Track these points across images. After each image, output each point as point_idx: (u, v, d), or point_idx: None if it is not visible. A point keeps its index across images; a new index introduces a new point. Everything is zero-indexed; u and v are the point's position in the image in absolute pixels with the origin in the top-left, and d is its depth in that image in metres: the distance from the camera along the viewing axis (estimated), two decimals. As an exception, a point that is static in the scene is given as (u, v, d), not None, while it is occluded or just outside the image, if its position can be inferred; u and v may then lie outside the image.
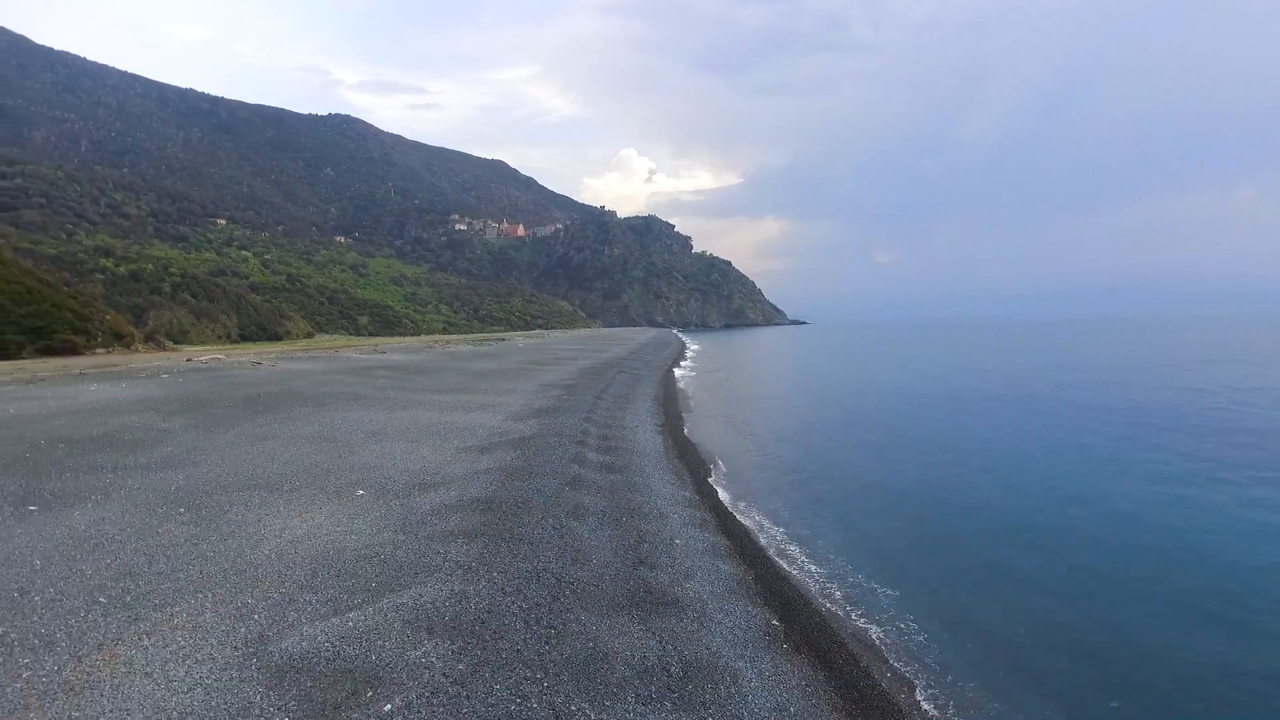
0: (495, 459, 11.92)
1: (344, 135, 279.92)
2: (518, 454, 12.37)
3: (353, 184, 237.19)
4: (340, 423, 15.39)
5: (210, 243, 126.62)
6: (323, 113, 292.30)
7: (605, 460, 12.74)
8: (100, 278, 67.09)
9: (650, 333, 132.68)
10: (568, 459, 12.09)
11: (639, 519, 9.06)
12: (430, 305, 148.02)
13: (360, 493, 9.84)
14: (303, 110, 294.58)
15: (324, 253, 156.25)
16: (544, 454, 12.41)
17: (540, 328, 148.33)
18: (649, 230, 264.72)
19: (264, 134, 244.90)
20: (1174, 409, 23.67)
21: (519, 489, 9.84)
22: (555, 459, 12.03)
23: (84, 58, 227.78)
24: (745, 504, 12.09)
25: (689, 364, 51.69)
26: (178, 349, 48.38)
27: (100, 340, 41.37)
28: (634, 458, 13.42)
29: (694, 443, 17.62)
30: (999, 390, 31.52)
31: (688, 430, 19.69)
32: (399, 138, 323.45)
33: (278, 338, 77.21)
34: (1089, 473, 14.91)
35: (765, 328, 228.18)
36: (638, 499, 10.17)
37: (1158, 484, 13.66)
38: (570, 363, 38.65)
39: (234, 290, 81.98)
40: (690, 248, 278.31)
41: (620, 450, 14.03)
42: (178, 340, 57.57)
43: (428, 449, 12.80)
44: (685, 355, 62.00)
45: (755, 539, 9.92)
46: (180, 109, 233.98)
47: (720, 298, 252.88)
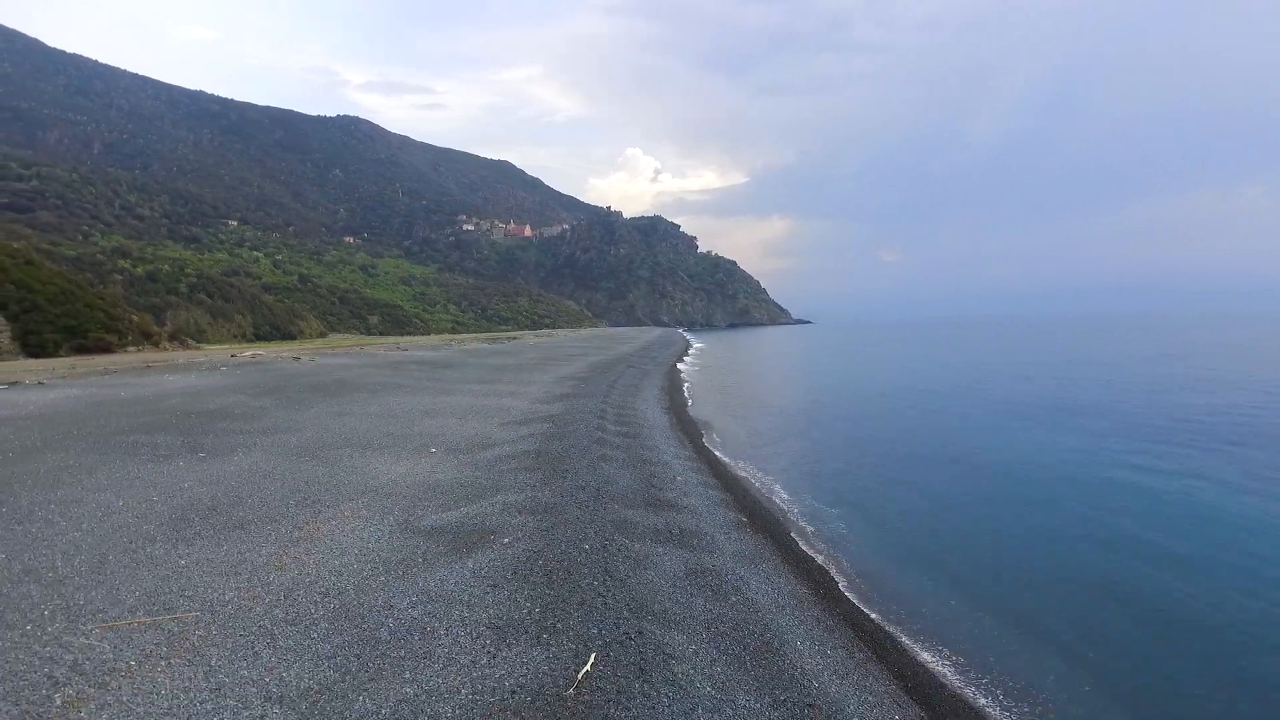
0: (533, 429, 14.85)
1: (352, 136, 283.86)
2: (550, 425, 15.31)
3: (361, 185, 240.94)
4: (395, 405, 18.35)
5: (222, 243, 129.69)
6: (330, 113, 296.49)
7: (621, 430, 15.70)
8: (119, 279, 69.83)
9: (656, 332, 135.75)
10: (591, 429, 15.02)
11: (650, 465, 12.03)
12: (439, 305, 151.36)
13: (433, 450, 12.78)
14: (310, 111, 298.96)
15: (334, 253, 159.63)
16: (571, 425, 15.35)
17: (548, 327, 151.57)
18: (654, 230, 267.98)
19: (273, 135, 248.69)
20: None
21: (557, 445, 12.79)
22: (581, 428, 14.97)
23: (96, 60, 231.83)
24: (731, 458, 15.29)
25: (693, 360, 54.69)
26: (200, 347, 51.28)
27: (131, 339, 44.37)
28: (644, 429, 16.40)
29: (693, 419, 20.64)
30: (969, 385, 34.42)
31: (689, 410, 22.67)
32: (406, 139, 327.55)
33: (291, 337, 79.98)
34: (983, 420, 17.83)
35: (770, 327, 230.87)
36: (649, 453, 13.15)
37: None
38: (581, 359, 41.66)
39: (248, 290, 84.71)
40: (695, 247, 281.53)
41: (633, 423, 17.00)
42: (196, 340, 60.26)
43: (475, 423, 15.73)
44: (689, 352, 65.07)
45: (736, 476, 13.04)
46: (190, 110, 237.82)
47: (725, 297, 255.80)
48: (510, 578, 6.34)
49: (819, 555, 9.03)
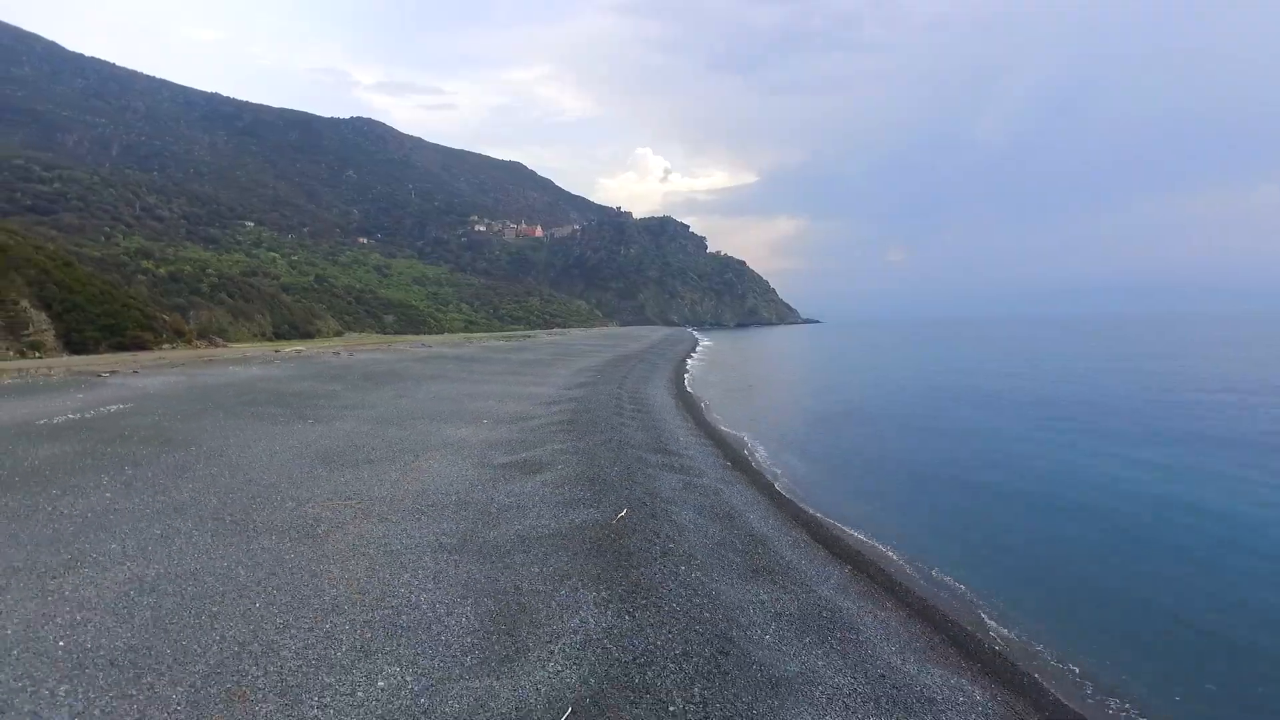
0: (562, 407, 18.01)
1: (365, 137, 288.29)
2: (576, 404, 18.46)
3: (374, 186, 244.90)
4: (442, 390, 21.53)
5: (240, 244, 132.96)
6: (341, 114, 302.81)
7: (635, 407, 18.89)
8: (143, 279, 73.09)
9: (665, 331, 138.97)
10: (611, 406, 18.18)
11: (659, 429, 15.22)
12: (451, 305, 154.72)
13: (485, 421, 15.93)
14: (321, 112, 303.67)
15: (348, 254, 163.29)
16: (594, 404, 18.51)
17: (559, 326, 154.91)
18: (664, 231, 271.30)
19: (287, 137, 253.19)
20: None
21: (585, 417, 15.95)
22: (602, 406, 18.12)
23: (112, 63, 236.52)
24: (725, 427, 18.59)
25: (700, 357, 57.91)
26: (229, 345, 54.46)
27: (165, 337, 47.62)
28: (654, 407, 19.60)
29: (696, 401, 23.89)
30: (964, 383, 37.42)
31: (693, 395, 25.84)
32: (418, 140, 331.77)
33: (309, 336, 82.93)
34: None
35: (778, 326, 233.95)
36: (658, 422, 16.36)
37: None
38: (595, 355, 44.91)
39: (267, 290, 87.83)
40: (705, 248, 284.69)
41: (645, 403, 20.18)
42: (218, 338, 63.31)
43: (512, 404, 18.89)
44: (697, 349, 68.34)
45: (725, 437, 16.25)
46: (205, 112, 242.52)
47: (734, 297, 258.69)
48: (567, 483, 9.53)
49: (776, 482, 12.23)
